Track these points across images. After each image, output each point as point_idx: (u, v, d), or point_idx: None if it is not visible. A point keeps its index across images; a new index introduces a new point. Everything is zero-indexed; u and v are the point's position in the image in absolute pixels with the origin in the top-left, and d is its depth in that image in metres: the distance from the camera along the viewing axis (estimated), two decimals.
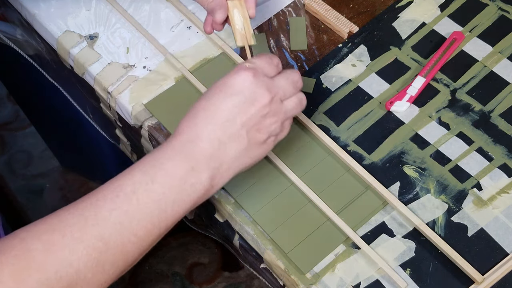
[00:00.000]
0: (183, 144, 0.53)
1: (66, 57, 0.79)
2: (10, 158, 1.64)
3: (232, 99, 0.54)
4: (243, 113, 0.54)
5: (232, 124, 0.54)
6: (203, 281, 1.43)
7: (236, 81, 0.55)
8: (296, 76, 0.59)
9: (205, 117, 0.54)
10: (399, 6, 0.80)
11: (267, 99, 0.55)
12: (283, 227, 0.64)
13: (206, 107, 0.54)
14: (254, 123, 0.55)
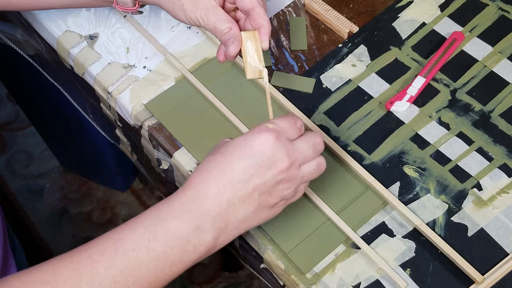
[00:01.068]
0: (190, 200, 0.50)
1: (66, 57, 0.79)
2: (10, 158, 1.64)
3: (249, 160, 0.51)
4: (258, 176, 0.51)
5: (245, 186, 0.51)
6: (203, 281, 1.43)
7: (256, 142, 0.52)
8: (317, 140, 0.55)
9: (218, 174, 0.51)
10: (399, 6, 0.80)
11: (286, 164, 0.52)
12: (283, 227, 0.64)
13: (220, 163, 0.51)
14: (268, 187, 0.52)
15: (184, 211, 0.50)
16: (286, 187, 0.53)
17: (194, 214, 0.50)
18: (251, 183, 0.51)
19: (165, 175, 0.76)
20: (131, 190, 1.56)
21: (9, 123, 1.69)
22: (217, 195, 0.50)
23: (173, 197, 0.51)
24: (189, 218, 0.50)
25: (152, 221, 0.49)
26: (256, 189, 0.51)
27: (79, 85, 0.82)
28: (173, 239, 0.49)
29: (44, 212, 1.55)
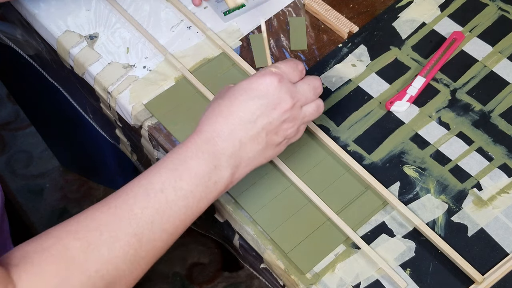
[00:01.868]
0: (205, 142, 0.54)
1: (66, 57, 0.79)
2: (10, 158, 1.63)
3: (256, 101, 0.56)
4: (265, 116, 0.56)
5: (254, 126, 0.55)
6: (203, 281, 1.43)
7: (261, 85, 0.56)
8: (317, 83, 0.60)
9: (229, 116, 0.55)
10: (399, 6, 0.80)
11: (289, 105, 0.57)
12: (283, 227, 0.64)
13: (229, 107, 0.55)
14: (274, 127, 0.57)
15: (202, 152, 0.54)
16: (289, 126, 0.58)
17: (211, 154, 0.54)
18: (259, 123, 0.56)
19: None
20: None
21: (9, 123, 1.69)
22: (229, 135, 0.55)
23: (188, 142, 0.55)
24: (207, 158, 0.54)
25: (174, 164, 0.53)
26: (264, 128, 0.56)
27: (79, 85, 0.82)
28: (196, 178, 0.53)
29: (44, 212, 1.55)
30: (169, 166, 0.53)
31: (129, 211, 0.50)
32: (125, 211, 0.50)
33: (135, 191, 0.52)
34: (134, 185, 0.52)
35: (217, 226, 0.71)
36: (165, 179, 0.52)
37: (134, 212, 0.50)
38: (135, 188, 0.52)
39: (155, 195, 0.51)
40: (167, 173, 0.53)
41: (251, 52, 0.77)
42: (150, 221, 0.51)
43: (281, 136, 0.58)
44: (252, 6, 0.80)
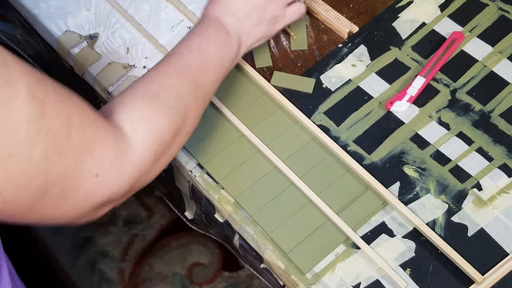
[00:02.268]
0: (212, 20, 0.65)
1: (66, 57, 0.79)
2: None
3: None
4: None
5: (246, 4, 0.66)
6: (203, 281, 1.43)
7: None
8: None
9: (225, 3, 0.65)
10: (399, 6, 0.80)
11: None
12: (283, 227, 0.64)
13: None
14: (262, 5, 0.67)
15: (214, 26, 0.64)
16: (274, 4, 0.68)
17: (220, 27, 0.64)
18: (250, 3, 0.66)
19: (165, 175, 0.76)
20: None
21: None
22: (231, 15, 0.65)
23: (200, 22, 0.65)
24: (219, 29, 0.64)
25: (199, 33, 0.64)
26: (255, 7, 0.66)
27: (79, 85, 0.82)
28: (218, 40, 0.63)
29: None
30: (195, 35, 0.63)
31: (184, 64, 0.60)
32: (182, 61, 0.60)
33: (182, 51, 0.61)
34: (176, 49, 0.62)
35: (217, 226, 0.71)
36: (197, 41, 0.62)
37: (186, 61, 0.60)
38: (180, 49, 0.62)
39: (196, 49, 0.61)
40: (196, 38, 0.63)
41: (251, 52, 0.77)
42: (200, 68, 0.60)
43: (270, 13, 0.67)
44: None
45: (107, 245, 1.48)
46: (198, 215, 0.78)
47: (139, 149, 0.50)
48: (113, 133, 0.49)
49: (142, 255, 1.47)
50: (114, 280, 1.44)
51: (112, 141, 0.48)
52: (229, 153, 0.69)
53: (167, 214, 1.51)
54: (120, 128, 0.50)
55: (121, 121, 0.51)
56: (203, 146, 0.69)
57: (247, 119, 0.70)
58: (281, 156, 0.68)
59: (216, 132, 0.70)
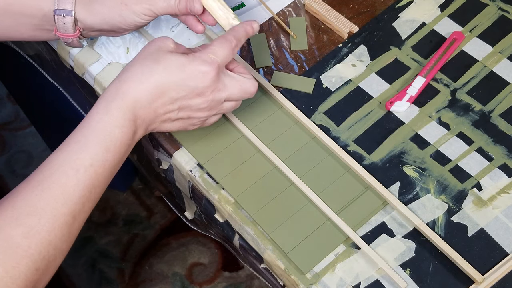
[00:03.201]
0: (129, 109, 0.56)
1: (66, 57, 0.79)
2: (10, 158, 1.64)
3: (187, 83, 0.58)
4: (187, 99, 0.59)
5: (172, 104, 0.59)
6: (203, 281, 1.43)
7: (196, 72, 0.58)
8: (247, 85, 0.62)
9: (155, 87, 0.57)
10: (399, 6, 0.80)
11: (211, 96, 0.60)
12: (283, 227, 0.64)
13: (161, 78, 0.57)
14: (190, 110, 0.60)
15: (126, 120, 0.56)
16: (205, 114, 0.62)
17: (131, 121, 0.57)
18: (178, 102, 0.59)
19: (165, 175, 0.76)
20: (131, 190, 1.56)
21: (9, 123, 1.69)
22: (149, 105, 0.57)
23: (113, 106, 0.56)
24: (129, 126, 0.57)
25: (102, 136, 0.55)
26: (180, 108, 0.60)
27: (79, 85, 0.82)
28: (121, 147, 0.56)
29: None
30: (96, 139, 0.55)
31: (62, 191, 0.52)
32: (58, 191, 0.52)
33: (65, 168, 0.53)
34: (63, 160, 0.54)
35: (217, 226, 0.71)
36: (94, 154, 0.54)
37: (67, 191, 0.52)
38: (65, 165, 0.53)
39: (85, 171, 0.53)
40: (95, 147, 0.54)
41: (251, 52, 0.77)
42: (81, 195, 0.53)
43: (192, 119, 0.62)
44: (252, 6, 0.80)
45: (107, 245, 1.48)
46: (198, 215, 0.78)
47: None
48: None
49: (142, 255, 1.47)
50: (114, 280, 1.44)
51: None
52: (229, 153, 0.69)
53: (167, 214, 1.51)
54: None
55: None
56: (203, 146, 0.69)
57: (247, 119, 0.70)
58: (281, 156, 0.68)
59: (216, 132, 0.70)
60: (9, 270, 0.48)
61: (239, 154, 0.69)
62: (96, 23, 0.67)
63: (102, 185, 0.56)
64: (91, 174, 0.54)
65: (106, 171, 0.55)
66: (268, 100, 0.72)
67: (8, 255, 0.48)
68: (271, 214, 0.65)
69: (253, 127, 0.70)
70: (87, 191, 0.54)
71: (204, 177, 0.68)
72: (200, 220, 0.79)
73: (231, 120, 0.70)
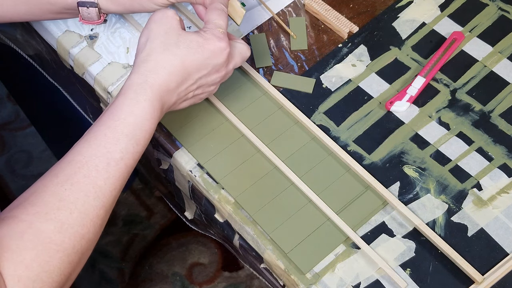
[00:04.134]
0: (156, 97, 0.57)
1: (66, 57, 0.79)
2: (10, 158, 1.63)
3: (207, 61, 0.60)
4: (206, 75, 0.61)
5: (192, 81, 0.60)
6: (203, 281, 1.43)
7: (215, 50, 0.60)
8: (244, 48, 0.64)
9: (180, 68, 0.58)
10: (399, 6, 0.80)
11: (225, 69, 0.63)
12: (283, 227, 0.64)
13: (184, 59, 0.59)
14: (207, 86, 0.62)
15: (154, 110, 0.57)
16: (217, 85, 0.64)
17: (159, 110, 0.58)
18: (198, 79, 0.61)
19: (165, 175, 0.76)
20: (131, 190, 1.56)
21: (9, 123, 1.69)
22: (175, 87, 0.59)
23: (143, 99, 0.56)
24: (158, 115, 0.58)
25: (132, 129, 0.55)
26: (199, 85, 0.61)
27: (79, 85, 0.82)
28: (148, 138, 0.57)
29: None
30: (127, 132, 0.55)
31: (93, 184, 0.52)
32: (89, 185, 0.52)
33: (96, 162, 0.53)
34: (92, 154, 0.53)
35: (217, 226, 0.71)
36: (124, 147, 0.54)
37: (98, 184, 0.52)
38: (95, 158, 0.53)
39: (116, 164, 0.53)
40: (125, 140, 0.54)
41: (251, 52, 0.77)
42: (113, 188, 0.53)
43: (206, 92, 0.63)
44: (252, 6, 0.80)
45: (107, 245, 1.48)
46: (198, 215, 0.78)
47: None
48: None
49: (142, 255, 1.47)
50: (114, 280, 1.44)
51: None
52: (229, 153, 0.69)
53: (167, 214, 1.51)
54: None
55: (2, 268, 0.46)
56: (203, 146, 0.69)
57: (247, 119, 0.71)
58: (281, 156, 0.68)
59: (216, 132, 0.70)
60: (43, 265, 0.48)
61: (239, 154, 0.69)
62: (119, 11, 0.70)
63: (127, 175, 0.56)
64: (121, 167, 0.54)
65: (134, 162, 0.56)
66: (268, 100, 0.72)
67: (41, 250, 0.48)
68: (271, 214, 0.65)
69: (253, 127, 0.70)
70: (118, 184, 0.54)
71: (204, 177, 0.68)
72: (200, 220, 0.79)
73: (231, 120, 0.70)
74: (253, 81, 0.73)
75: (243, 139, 0.70)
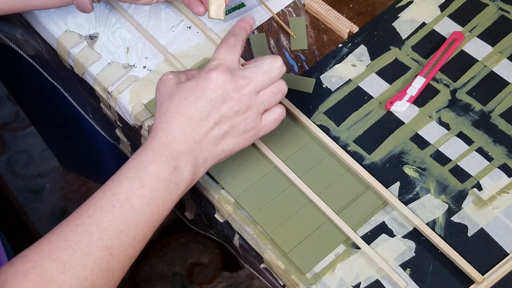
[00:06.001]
0: (161, 146, 0.55)
1: (66, 57, 0.79)
2: (10, 158, 1.64)
3: (204, 99, 0.55)
4: (216, 110, 0.56)
5: (206, 123, 0.56)
6: (203, 281, 1.43)
7: (207, 83, 0.56)
8: (269, 64, 0.58)
9: (180, 119, 0.55)
10: (399, 6, 0.80)
11: (238, 94, 0.56)
12: (283, 227, 0.64)
13: (179, 109, 0.56)
14: (228, 119, 0.56)
15: (159, 156, 0.54)
16: (246, 116, 0.57)
17: (168, 156, 0.54)
18: (210, 119, 0.55)
19: None
20: None
21: (9, 123, 1.69)
22: (183, 136, 0.55)
23: (145, 147, 0.55)
24: (165, 161, 0.54)
25: (135, 172, 0.54)
26: (216, 122, 0.56)
27: (79, 85, 0.82)
28: (158, 182, 0.54)
29: (44, 212, 1.55)
30: (130, 175, 0.54)
31: (97, 225, 0.51)
32: (93, 226, 0.51)
33: (101, 204, 0.52)
34: (98, 197, 0.53)
35: (217, 226, 0.71)
36: (128, 188, 0.53)
37: (102, 225, 0.52)
38: (100, 201, 0.53)
39: (120, 206, 0.52)
40: (129, 182, 0.53)
41: (251, 52, 0.77)
42: (118, 231, 0.52)
43: (239, 127, 0.57)
44: (252, 6, 0.80)
45: None
46: (198, 215, 0.78)
47: None
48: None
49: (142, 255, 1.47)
50: None
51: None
52: None
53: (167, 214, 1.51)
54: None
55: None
56: None
57: None
58: (281, 156, 0.68)
59: None
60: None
61: (239, 154, 0.69)
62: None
63: (142, 221, 0.54)
64: (127, 209, 0.53)
65: (145, 207, 0.53)
66: None
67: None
68: (271, 214, 0.65)
69: None
70: (126, 227, 0.52)
71: (204, 177, 0.68)
72: (200, 220, 0.79)
73: None
74: None
75: None
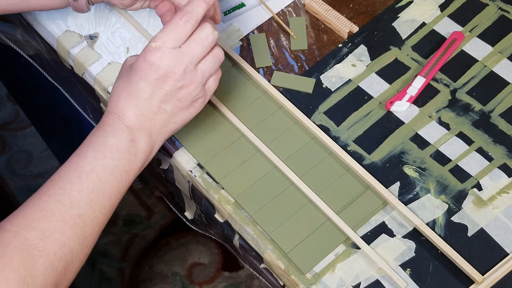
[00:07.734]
0: (115, 121, 0.59)
1: (66, 57, 0.79)
2: (10, 158, 1.64)
3: (147, 79, 0.58)
4: (159, 89, 0.59)
5: (151, 101, 0.59)
6: (203, 281, 1.43)
7: (146, 63, 0.58)
8: (204, 33, 0.59)
9: (127, 97, 0.59)
10: (399, 6, 0.80)
11: (178, 73, 0.58)
12: (283, 227, 0.64)
13: (126, 88, 0.59)
14: (172, 96, 0.59)
15: (116, 129, 0.59)
16: (190, 89, 0.60)
17: (124, 130, 0.59)
18: (155, 98, 0.59)
19: (165, 175, 0.76)
20: (131, 190, 1.56)
21: (9, 123, 1.69)
22: (132, 113, 0.59)
23: (101, 124, 0.60)
24: (121, 133, 0.59)
25: (96, 145, 0.58)
26: (162, 101, 0.59)
27: (79, 85, 0.82)
28: (118, 153, 0.58)
29: None
30: (92, 148, 0.58)
31: (68, 195, 0.55)
32: (65, 195, 0.55)
33: (69, 176, 0.56)
34: (65, 171, 0.57)
35: (217, 226, 0.71)
36: (92, 160, 0.57)
37: (73, 195, 0.55)
38: (67, 174, 0.56)
39: (87, 176, 0.56)
40: (92, 154, 0.57)
41: (251, 52, 0.77)
42: (88, 200, 0.55)
43: (186, 101, 0.60)
44: (252, 6, 0.80)
45: (107, 245, 1.48)
46: (198, 215, 0.78)
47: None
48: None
49: (142, 255, 1.47)
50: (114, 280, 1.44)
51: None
52: (229, 153, 0.69)
53: (167, 214, 1.51)
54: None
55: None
56: (203, 146, 0.69)
57: (247, 119, 0.71)
58: (281, 156, 0.68)
59: (216, 132, 0.70)
60: (28, 268, 0.50)
61: (239, 154, 0.69)
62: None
63: (108, 190, 0.57)
64: (93, 179, 0.56)
65: (109, 176, 0.57)
66: (268, 100, 0.72)
67: (26, 255, 0.51)
68: (271, 214, 0.65)
69: (253, 127, 0.70)
70: (94, 196, 0.56)
71: (204, 177, 0.68)
72: (200, 220, 0.79)
73: (231, 120, 0.70)
74: (253, 81, 0.73)
75: (243, 139, 0.70)
